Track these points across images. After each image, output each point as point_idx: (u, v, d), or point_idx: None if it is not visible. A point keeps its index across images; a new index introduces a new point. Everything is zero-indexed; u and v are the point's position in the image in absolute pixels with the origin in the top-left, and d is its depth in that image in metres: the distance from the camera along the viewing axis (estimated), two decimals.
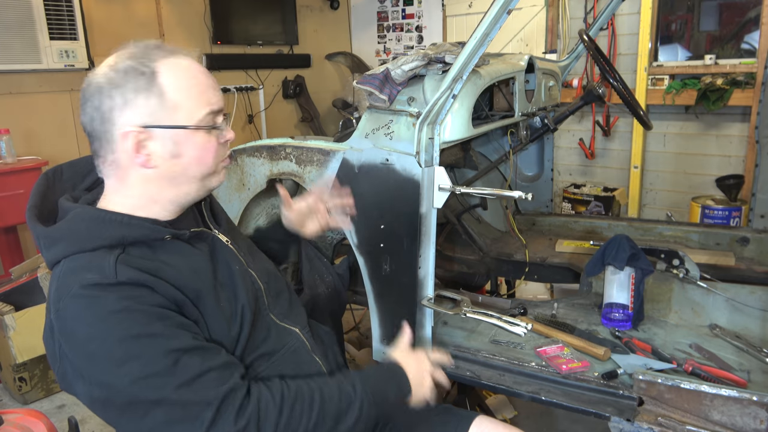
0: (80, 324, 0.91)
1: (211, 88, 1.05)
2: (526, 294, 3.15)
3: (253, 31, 5.13)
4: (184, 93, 1.00)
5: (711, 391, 1.26)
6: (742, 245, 2.17)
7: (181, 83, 1.00)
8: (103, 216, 1.00)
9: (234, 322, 1.06)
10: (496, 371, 1.56)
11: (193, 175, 1.05)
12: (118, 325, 0.90)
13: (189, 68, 1.03)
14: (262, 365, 1.09)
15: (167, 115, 0.99)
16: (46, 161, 3.38)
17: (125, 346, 0.90)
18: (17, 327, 2.52)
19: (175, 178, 1.03)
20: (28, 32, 3.54)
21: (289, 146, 1.77)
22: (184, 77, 1.01)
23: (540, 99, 2.17)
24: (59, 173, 1.12)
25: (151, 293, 0.94)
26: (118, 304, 0.91)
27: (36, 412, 1.62)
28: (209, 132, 1.04)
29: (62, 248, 0.98)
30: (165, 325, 0.93)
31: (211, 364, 0.94)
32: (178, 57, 1.02)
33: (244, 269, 1.15)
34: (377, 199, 1.57)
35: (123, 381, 0.90)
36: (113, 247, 0.97)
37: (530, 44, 4.68)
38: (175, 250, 1.04)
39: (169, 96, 0.99)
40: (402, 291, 1.58)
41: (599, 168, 4.52)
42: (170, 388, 0.90)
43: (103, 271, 0.93)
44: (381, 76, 1.53)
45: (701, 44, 4.03)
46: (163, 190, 1.04)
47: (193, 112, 1.01)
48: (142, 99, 0.98)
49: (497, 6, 1.25)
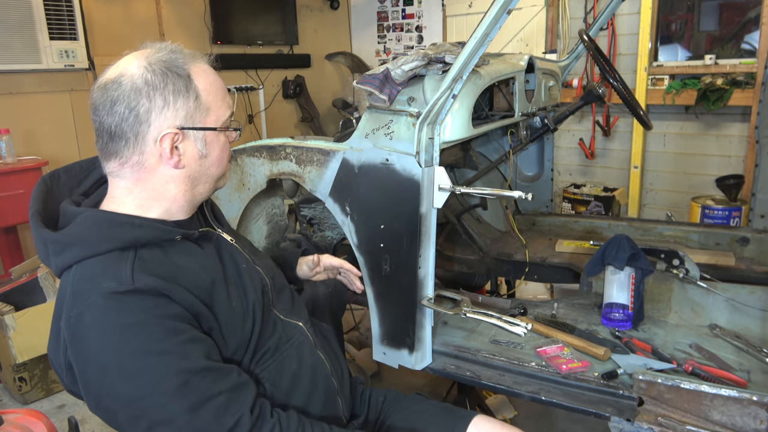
0: (94, 333, 0.91)
1: (228, 93, 1.11)
2: (526, 294, 3.15)
3: (253, 31, 5.13)
4: (212, 96, 1.05)
5: (711, 391, 1.26)
6: (742, 245, 2.17)
7: (210, 87, 1.05)
8: (114, 218, 1.00)
9: (247, 321, 1.07)
10: (496, 371, 1.56)
11: (212, 174, 1.09)
12: (133, 339, 0.90)
13: (211, 73, 1.08)
14: (268, 360, 1.10)
15: (201, 117, 1.03)
16: (46, 161, 3.38)
17: (138, 362, 0.90)
18: (17, 327, 2.51)
19: (198, 178, 1.07)
20: (28, 32, 3.53)
21: (289, 146, 1.77)
22: (212, 81, 1.06)
23: (540, 99, 2.17)
24: (56, 178, 1.11)
25: (167, 303, 0.94)
26: (134, 317, 0.90)
27: (36, 412, 1.62)
28: (227, 134, 1.10)
29: (74, 253, 0.96)
30: (179, 341, 0.92)
31: (221, 387, 0.94)
32: (200, 62, 1.07)
33: (250, 266, 1.16)
34: (377, 199, 1.57)
35: (132, 396, 0.90)
36: (125, 250, 0.97)
37: (530, 44, 4.68)
38: (185, 251, 1.04)
39: (203, 99, 1.03)
40: (402, 291, 1.58)
41: (599, 168, 4.52)
42: (177, 409, 0.90)
43: (120, 277, 0.92)
44: (381, 76, 1.53)
45: (701, 44, 4.03)
46: (184, 190, 1.06)
47: (220, 115, 1.07)
48: (181, 101, 1.00)
49: (497, 6, 1.25)
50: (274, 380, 1.10)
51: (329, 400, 1.19)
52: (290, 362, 1.14)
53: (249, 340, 1.07)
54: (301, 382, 1.14)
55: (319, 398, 1.17)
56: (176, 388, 0.90)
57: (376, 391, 1.36)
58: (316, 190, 1.71)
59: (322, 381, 1.19)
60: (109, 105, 0.98)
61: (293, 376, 1.13)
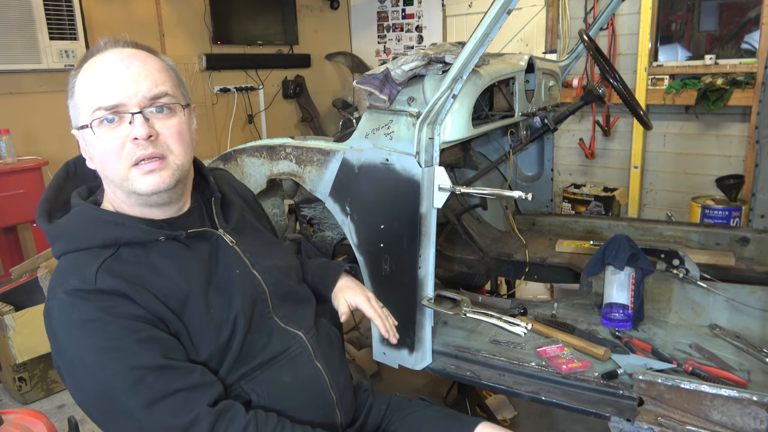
0: (61, 329, 0.94)
1: (112, 82, 0.97)
2: (526, 294, 3.15)
3: (253, 31, 5.13)
4: (84, 92, 1.00)
5: (711, 391, 1.26)
6: (742, 245, 2.17)
7: (84, 83, 1.00)
8: (99, 216, 1.03)
9: (223, 330, 1.04)
10: (496, 371, 1.56)
11: (109, 177, 1.02)
12: (91, 335, 0.92)
13: (101, 63, 0.99)
14: (255, 371, 1.08)
15: (75, 116, 1.02)
16: (46, 161, 3.38)
17: (95, 356, 0.92)
18: (17, 327, 2.51)
19: (106, 180, 1.04)
20: (28, 32, 3.54)
21: (289, 146, 1.77)
22: (89, 76, 1.00)
23: (540, 99, 2.17)
24: (81, 162, 1.13)
25: (127, 303, 0.95)
26: (93, 313, 0.93)
27: (36, 412, 1.62)
28: (102, 129, 0.97)
29: (61, 245, 1.02)
30: (135, 339, 0.93)
31: (178, 385, 0.94)
32: (107, 52, 1.01)
33: (247, 272, 1.13)
34: (377, 199, 1.57)
35: (96, 390, 0.93)
36: (107, 247, 1.00)
37: (530, 44, 4.68)
38: (168, 252, 1.04)
39: (76, 97, 1.01)
40: (402, 291, 1.58)
41: (599, 168, 4.52)
42: (134, 405, 0.91)
43: (84, 276, 0.95)
44: (381, 76, 1.53)
45: (701, 44, 4.03)
46: (112, 190, 1.05)
47: (86, 110, 0.99)
48: (69, 101, 1.03)
49: (497, 6, 1.25)
50: (260, 392, 1.07)
51: (325, 412, 1.16)
52: (282, 374, 1.11)
53: (226, 350, 1.04)
54: (291, 395, 1.11)
55: (312, 411, 1.13)
56: (132, 384, 0.91)
57: (380, 398, 1.33)
58: (316, 190, 1.71)
59: (318, 395, 1.15)
60: None
61: (283, 388, 1.10)
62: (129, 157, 0.98)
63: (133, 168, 0.98)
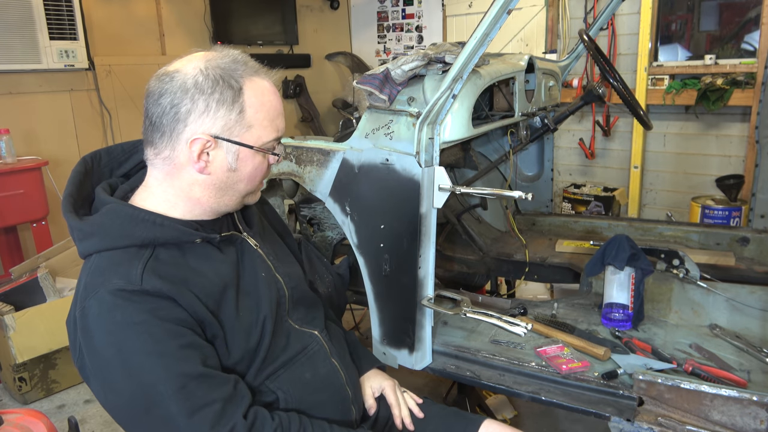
0: (100, 329, 0.93)
1: (281, 116, 1.09)
2: (526, 294, 3.15)
3: (253, 31, 5.13)
4: (260, 115, 1.04)
5: (711, 391, 1.26)
6: (742, 245, 2.17)
7: (259, 105, 1.04)
8: (137, 215, 1.01)
9: (253, 333, 1.06)
10: (496, 371, 1.56)
11: (239, 189, 1.08)
12: (135, 338, 0.91)
13: (268, 91, 1.07)
14: (280, 371, 1.10)
15: (240, 132, 1.03)
16: (46, 161, 3.38)
17: (138, 360, 0.91)
18: (17, 327, 2.51)
19: (222, 189, 1.06)
20: (28, 32, 3.53)
21: (289, 146, 1.77)
22: (264, 100, 1.05)
23: (540, 99, 2.17)
24: (98, 158, 1.13)
25: (171, 306, 0.95)
26: (138, 316, 0.92)
27: (36, 412, 1.62)
28: (266, 155, 1.08)
29: (94, 243, 1.00)
30: (178, 344, 0.93)
31: (216, 395, 0.95)
32: (261, 78, 1.07)
33: (271, 275, 1.15)
34: (377, 199, 1.57)
35: (134, 392, 0.92)
36: (143, 247, 0.99)
37: (530, 44, 4.68)
38: (203, 254, 1.05)
39: (247, 115, 1.02)
40: (402, 291, 1.58)
41: (599, 168, 4.52)
42: (176, 412, 0.91)
43: (130, 276, 0.94)
44: (381, 76, 1.53)
45: (701, 44, 4.03)
46: (209, 196, 1.06)
47: (263, 136, 1.05)
48: (223, 111, 1.01)
49: (497, 6, 1.25)
50: (285, 389, 1.10)
51: (343, 409, 1.19)
52: (303, 372, 1.13)
53: (255, 353, 1.06)
54: (314, 392, 1.14)
55: (332, 407, 1.16)
56: (175, 391, 0.91)
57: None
58: (316, 190, 1.71)
59: (337, 391, 1.18)
60: (157, 95, 1.01)
61: (305, 385, 1.13)
62: (265, 177, 1.13)
63: (260, 185, 1.13)
